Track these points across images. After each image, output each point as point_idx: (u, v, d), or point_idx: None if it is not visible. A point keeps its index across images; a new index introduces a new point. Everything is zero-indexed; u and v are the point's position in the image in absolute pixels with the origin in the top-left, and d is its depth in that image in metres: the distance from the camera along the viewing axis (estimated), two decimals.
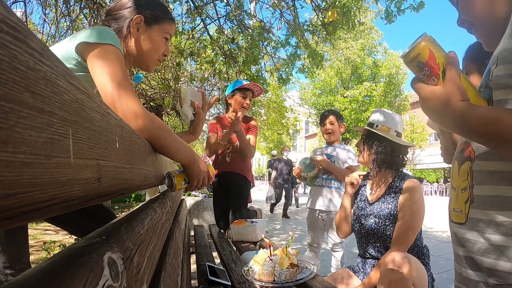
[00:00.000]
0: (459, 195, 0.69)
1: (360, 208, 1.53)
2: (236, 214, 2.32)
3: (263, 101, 7.80)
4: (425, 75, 0.63)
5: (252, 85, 2.29)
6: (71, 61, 0.87)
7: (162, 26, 1.07)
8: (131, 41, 1.02)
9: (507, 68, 0.59)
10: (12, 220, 0.20)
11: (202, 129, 1.35)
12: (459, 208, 0.68)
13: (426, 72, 0.63)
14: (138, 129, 0.78)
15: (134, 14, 1.01)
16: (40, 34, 3.25)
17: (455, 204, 0.70)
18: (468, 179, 0.66)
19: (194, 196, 4.87)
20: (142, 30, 1.03)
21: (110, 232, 0.41)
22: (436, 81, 0.62)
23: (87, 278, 0.26)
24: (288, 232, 4.89)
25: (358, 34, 14.59)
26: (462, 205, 0.67)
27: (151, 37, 1.05)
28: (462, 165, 0.69)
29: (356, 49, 15.10)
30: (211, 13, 4.06)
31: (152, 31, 1.05)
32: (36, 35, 0.26)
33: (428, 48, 0.62)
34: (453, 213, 0.71)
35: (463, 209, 0.67)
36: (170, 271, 0.81)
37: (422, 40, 0.63)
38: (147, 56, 1.07)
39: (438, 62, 0.62)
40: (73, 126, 0.26)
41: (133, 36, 1.02)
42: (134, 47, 1.03)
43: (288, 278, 1.19)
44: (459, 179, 0.70)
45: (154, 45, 1.06)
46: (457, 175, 0.71)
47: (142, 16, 1.01)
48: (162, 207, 0.90)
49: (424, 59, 0.62)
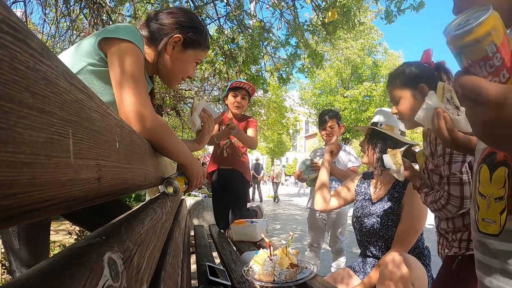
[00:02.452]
0: (491, 204, 0.61)
1: (362, 207, 1.53)
2: (236, 214, 2.32)
3: (263, 101, 7.79)
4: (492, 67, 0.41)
5: (241, 83, 2.33)
6: (94, 56, 0.87)
7: (197, 52, 1.07)
8: (164, 56, 1.02)
9: None
10: (12, 220, 0.20)
11: (208, 140, 1.35)
12: (491, 218, 0.61)
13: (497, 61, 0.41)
14: (143, 131, 0.79)
15: (175, 32, 1.01)
16: (40, 34, 3.24)
17: (485, 214, 0.62)
18: (506, 187, 0.58)
19: (194, 196, 4.87)
20: (177, 50, 1.03)
21: (110, 232, 0.41)
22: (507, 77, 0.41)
23: (87, 278, 0.26)
24: (288, 232, 4.89)
25: (358, 34, 14.59)
26: (495, 215, 0.61)
27: (183, 60, 1.05)
28: (496, 171, 0.60)
29: (356, 49, 15.09)
30: (211, 13, 4.07)
31: (186, 53, 1.05)
32: (36, 35, 0.26)
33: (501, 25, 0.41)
34: (482, 223, 0.64)
35: (497, 220, 0.60)
36: (170, 271, 0.81)
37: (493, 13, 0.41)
38: (173, 75, 1.07)
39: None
40: (73, 126, 0.26)
41: (168, 53, 1.02)
42: (164, 62, 1.03)
43: (288, 278, 1.19)
44: (491, 186, 0.61)
45: (184, 68, 1.07)
46: (488, 181, 0.62)
47: (182, 37, 1.01)
48: (162, 207, 0.90)
49: (498, 40, 0.40)
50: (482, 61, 0.42)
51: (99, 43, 0.86)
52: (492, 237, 0.61)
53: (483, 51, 0.41)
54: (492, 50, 0.41)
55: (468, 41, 0.41)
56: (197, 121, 1.29)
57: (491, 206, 0.61)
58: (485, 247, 0.63)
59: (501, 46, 0.41)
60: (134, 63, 0.84)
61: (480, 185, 0.64)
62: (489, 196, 0.61)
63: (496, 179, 0.59)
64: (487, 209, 0.62)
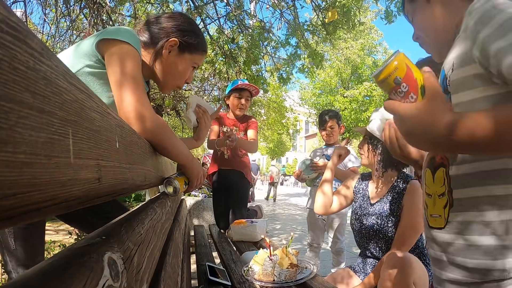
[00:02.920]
0: (436, 201, 0.69)
1: (361, 207, 1.53)
2: (236, 214, 2.32)
3: (263, 101, 7.80)
4: (402, 92, 0.59)
5: (246, 85, 2.31)
6: (91, 57, 0.87)
7: (193, 56, 1.06)
8: (160, 60, 1.02)
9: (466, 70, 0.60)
10: (12, 220, 0.20)
11: (205, 136, 1.34)
12: (437, 213, 0.69)
13: (404, 88, 0.58)
14: (143, 131, 0.79)
15: (171, 35, 1.00)
16: (40, 34, 3.24)
17: (433, 210, 0.71)
18: (445, 184, 0.67)
19: (194, 196, 4.87)
20: (173, 54, 1.03)
21: (110, 232, 0.41)
22: (415, 97, 0.58)
23: (87, 278, 0.26)
24: (289, 232, 4.89)
25: (358, 34, 14.58)
26: (440, 210, 0.68)
27: (179, 64, 1.05)
28: (437, 172, 0.70)
29: (356, 49, 15.09)
30: (211, 13, 4.07)
31: (182, 58, 1.04)
32: (36, 35, 0.26)
33: (404, 63, 0.59)
34: (431, 219, 0.72)
35: (442, 214, 0.68)
36: (170, 271, 0.81)
37: (397, 56, 0.59)
38: (167, 79, 1.06)
39: (416, 77, 0.58)
40: (73, 126, 0.26)
41: (164, 56, 1.01)
42: (159, 66, 1.03)
43: (288, 278, 1.19)
44: (434, 185, 0.70)
45: (179, 72, 1.06)
46: (431, 182, 0.71)
47: (178, 41, 1.01)
48: (162, 207, 0.90)
49: (401, 74, 0.58)
50: (394, 90, 0.60)
51: (97, 44, 0.86)
52: (438, 230, 0.69)
53: (392, 83, 0.59)
54: (397, 82, 0.58)
55: (382, 77, 0.60)
56: (192, 117, 1.28)
57: (436, 202, 0.70)
58: (435, 241, 0.70)
59: (405, 78, 0.58)
60: (133, 64, 0.84)
61: (427, 186, 0.74)
62: (434, 194, 0.70)
63: (437, 178, 0.70)
64: (434, 206, 0.70)
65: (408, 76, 0.58)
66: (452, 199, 0.65)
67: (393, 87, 0.59)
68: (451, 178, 0.66)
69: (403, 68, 0.58)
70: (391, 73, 0.58)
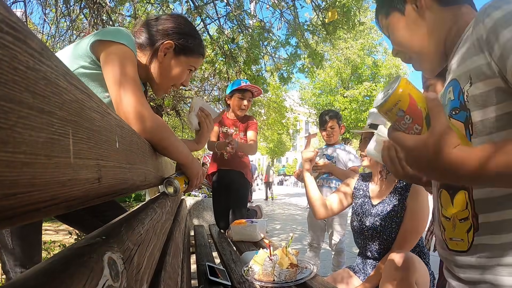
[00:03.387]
0: (456, 225, 0.67)
1: (362, 208, 1.52)
2: (236, 214, 2.32)
3: (263, 101, 7.80)
4: (406, 124, 0.56)
5: (250, 86, 2.31)
6: (86, 59, 0.87)
7: (189, 58, 1.05)
8: (155, 63, 1.01)
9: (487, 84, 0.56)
10: (12, 220, 0.20)
11: (207, 140, 1.33)
12: (459, 237, 0.66)
13: (408, 120, 0.55)
14: (143, 131, 0.79)
15: (166, 38, 0.99)
16: (40, 34, 3.24)
17: (453, 234, 0.68)
18: (469, 208, 0.63)
19: (194, 196, 4.87)
20: (169, 57, 1.02)
21: (110, 232, 0.41)
22: (419, 129, 0.55)
23: (87, 278, 0.26)
24: (288, 232, 4.90)
25: (358, 34, 14.56)
26: (463, 234, 0.65)
27: (174, 66, 1.04)
28: (456, 195, 0.66)
29: (356, 49, 15.08)
30: (211, 13, 4.06)
31: (178, 60, 1.03)
32: (36, 35, 0.26)
33: (407, 93, 0.55)
34: (451, 242, 0.69)
35: (464, 238, 0.65)
36: (170, 271, 0.81)
37: (399, 86, 0.55)
38: (162, 82, 1.05)
39: (420, 106, 0.55)
40: (73, 126, 0.26)
41: (159, 59, 1.01)
42: (155, 68, 1.02)
43: (288, 278, 1.19)
44: (454, 208, 0.67)
45: (174, 75, 1.05)
46: (449, 204, 0.68)
47: (173, 43, 1.00)
48: (162, 207, 0.90)
49: (404, 107, 0.55)
50: (397, 122, 0.57)
51: (91, 45, 0.85)
52: (461, 254, 0.66)
53: (395, 116, 0.56)
54: (401, 114, 0.56)
55: (385, 110, 0.57)
56: (194, 120, 1.27)
57: (456, 226, 0.67)
58: (456, 264, 0.68)
59: (408, 110, 0.55)
60: (131, 65, 0.84)
61: (443, 208, 0.71)
62: (454, 218, 0.67)
63: (457, 202, 0.66)
64: (453, 229, 0.67)
65: (411, 107, 0.55)
66: (477, 224, 0.62)
67: (396, 119, 0.57)
68: (475, 202, 0.62)
69: (405, 100, 0.55)
70: (393, 106, 0.55)
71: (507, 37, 0.51)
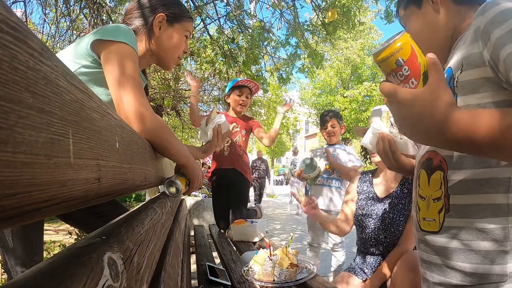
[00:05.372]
0: (430, 205, 0.68)
1: (367, 205, 1.52)
2: (236, 214, 2.32)
3: (263, 101, 7.79)
4: (402, 76, 0.53)
5: (247, 81, 2.32)
6: (87, 58, 0.87)
7: (183, 24, 1.08)
8: (154, 39, 1.04)
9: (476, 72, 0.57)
10: (12, 220, 0.20)
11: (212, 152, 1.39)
12: (431, 217, 0.68)
13: (405, 72, 0.53)
14: (144, 131, 0.79)
15: (155, 13, 1.02)
16: (40, 34, 3.24)
17: (426, 214, 0.69)
18: (442, 189, 0.65)
19: (194, 196, 4.86)
20: (164, 29, 1.05)
21: (110, 232, 0.41)
22: (415, 84, 0.53)
23: (87, 278, 0.26)
24: (289, 232, 4.89)
25: (358, 34, 14.56)
26: (435, 214, 0.67)
27: (173, 35, 1.07)
28: (433, 175, 0.67)
29: (356, 49, 15.08)
30: (211, 13, 4.06)
31: (174, 29, 1.06)
32: (36, 35, 0.26)
33: (410, 44, 0.53)
34: (424, 222, 0.70)
35: (436, 219, 0.66)
36: (170, 271, 0.81)
37: (402, 36, 0.54)
38: (168, 54, 1.08)
39: (420, 62, 0.53)
40: (73, 126, 0.26)
41: (156, 34, 1.03)
42: (155, 45, 1.04)
43: (288, 278, 1.19)
44: (429, 188, 0.68)
45: (176, 43, 1.08)
46: (426, 184, 0.69)
47: (164, 15, 1.03)
48: (162, 207, 0.90)
49: (405, 56, 0.53)
50: (393, 72, 0.54)
51: (92, 44, 0.85)
52: (432, 234, 0.67)
53: (392, 65, 0.54)
54: (399, 63, 0.53)
55: (383, 57, 0.54)
56: (209, 132, 1.33)
57: (430, 206, 0.68)
58: (427, 244, 0.70)
59: (408, 60, 0.53)
60: (132, 64, 0.84)
61: (420, 188, 0.72)
62: (428, 198, 0.69)
63: (433, 182, 0.67)
64: (427, 209, 0.69)
65: (412, 59, 0.53)
66: (448, 204, 0.64)
67: (393, 69, 0.54)
68: (449, 182, 0.63)
69: (407, 49, 0.53)
70: (393, 53, 0.53)
71: (504, 30, 0.52)
